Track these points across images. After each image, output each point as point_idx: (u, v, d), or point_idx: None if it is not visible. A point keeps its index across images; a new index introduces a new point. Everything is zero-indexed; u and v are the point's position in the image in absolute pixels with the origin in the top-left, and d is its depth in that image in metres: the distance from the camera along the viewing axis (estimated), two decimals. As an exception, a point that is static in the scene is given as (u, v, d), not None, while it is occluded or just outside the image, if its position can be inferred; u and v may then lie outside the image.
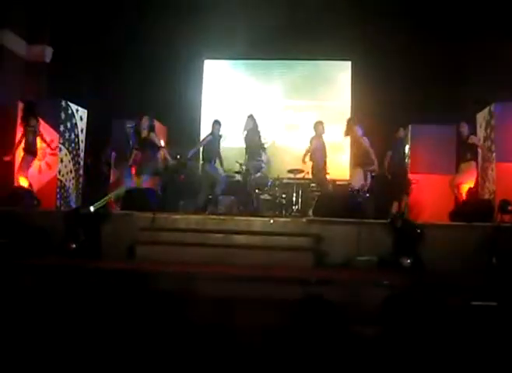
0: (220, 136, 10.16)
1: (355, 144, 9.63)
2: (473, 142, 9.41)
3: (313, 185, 10.33)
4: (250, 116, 10.24)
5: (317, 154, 9.83)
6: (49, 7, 11.71)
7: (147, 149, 9.69)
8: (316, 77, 12.92)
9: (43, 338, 4.14)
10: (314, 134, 10.02)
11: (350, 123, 9.68)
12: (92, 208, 8.17)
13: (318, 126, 10.01)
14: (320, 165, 9.82)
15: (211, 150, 10.03)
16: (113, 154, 10.53)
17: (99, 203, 8.11)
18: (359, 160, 9.55)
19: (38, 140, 9.85)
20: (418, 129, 10.73)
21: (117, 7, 12.23)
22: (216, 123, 10.15)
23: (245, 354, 4.15)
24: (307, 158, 9.92)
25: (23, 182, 9.63)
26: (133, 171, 9.87)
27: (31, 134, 9.69)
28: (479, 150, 9.66)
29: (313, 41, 12.09)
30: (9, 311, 4.67)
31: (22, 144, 9.80)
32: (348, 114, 12.31)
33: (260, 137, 10.20)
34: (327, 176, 10.06)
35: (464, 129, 9.46)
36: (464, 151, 9.46)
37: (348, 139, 9.84)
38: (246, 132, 10.14)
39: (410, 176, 10.32)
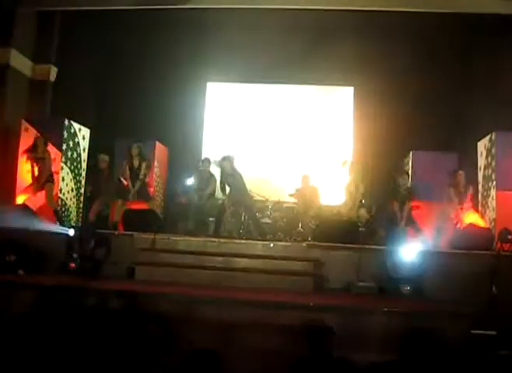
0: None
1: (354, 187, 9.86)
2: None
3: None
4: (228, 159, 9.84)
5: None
6: (55, 27, 11.83)
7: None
8: (317, 102, 13.00)
9: (39, 358, 4.12)
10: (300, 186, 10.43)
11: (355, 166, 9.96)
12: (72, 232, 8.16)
13: (304, 179, 10.43)
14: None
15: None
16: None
17: None
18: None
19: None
20: (419, 155, 10.75)
21: (122, 28, 12.34)
22: (206, 160, 10.34)
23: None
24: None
25: (20, 200, 9.66)
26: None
27: (43, 167, 9.73)
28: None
29: (315, 67, 12.17)
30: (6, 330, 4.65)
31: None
32: (350, 140, 12.40)
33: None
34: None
35: (462, 178, 9.43)
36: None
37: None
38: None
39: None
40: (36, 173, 9.67)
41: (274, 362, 4.56)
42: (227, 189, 9.82)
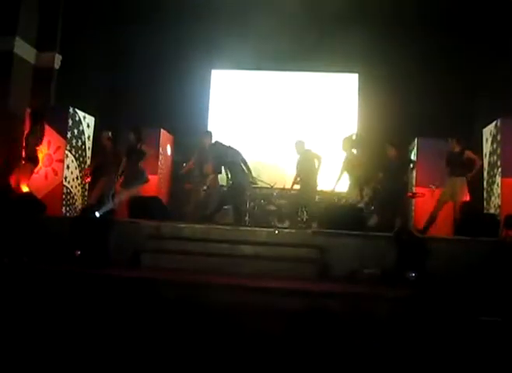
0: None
1: (354, 164, 9.76)
2: (469, 157, 9.10)
3: (318, 197, 10.40)
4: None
5: (306, 169, 9.94)
6: (59, 15, 11.82)
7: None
8: (323, 89, 12.97)
9: (48, 345, 4.15)
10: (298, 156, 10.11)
11: (349, 142, 9.87)
12: (97, 214, 8.20)
13: (298, 145, 10.12)
14: (308, 179, 9.89)
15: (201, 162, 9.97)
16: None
17: None
18: (361, 180, 9.67)
19: (39, 148, 9.91)
20: (425, 142, 10.72)
21: (127, 16, 12.32)
22: (206, 134, 10.19)
23: (248, 365, 4.16)
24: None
25: (25, 190, 9.65)
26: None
27: (32, 142, 9.73)
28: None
29: (320, 54, 12.15)
30: (15, 315, 4.68)
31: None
32: (355, 127, 12.36)
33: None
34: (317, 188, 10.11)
35: (455, 143, 9.21)
36: (457, 166, 9.12)
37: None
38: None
39: (416, 189, 10.36)
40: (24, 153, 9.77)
41: (278, 348, 4.58)
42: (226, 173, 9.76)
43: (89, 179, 10.72)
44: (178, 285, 6.00)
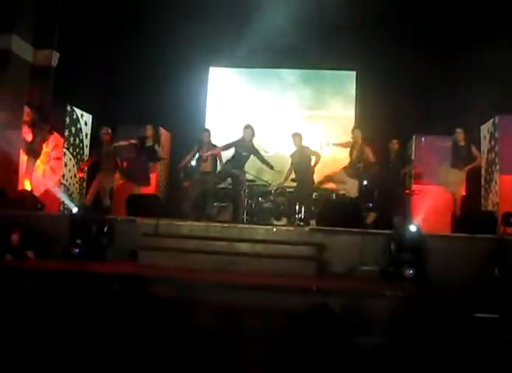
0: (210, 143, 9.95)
1: (358, 152, 9.72)
2: (473, 154, 9.27)
3: (315, 194, 10.39)
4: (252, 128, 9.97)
5: (301, 166, 9.88)
6: (56, 12, 11.78)
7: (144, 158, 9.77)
8: (321, 86, 12.95)
9: (44, 342, 4.14)
10: (295, 148, 10.03)
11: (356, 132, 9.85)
12: (75, 209, 8.14)
13: (295, 138, 10.02)
14: (305, 177, 9.83)
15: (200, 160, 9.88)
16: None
17: None
18: (358, 170, 9.65)
19: (44, 144, 9.88)
20: (422, 140, 10.72)
21: (124, 13, 12.28)
22: (204, 131, 10.14)
23: (245, 364, 4.16)
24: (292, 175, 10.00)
25: (27, 185, 9.64)
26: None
27: (39, 136, 9.69)
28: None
29: (318, 51, 12.12)
30: (11, 315, 4.67)
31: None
32: (352, 124, 12.34)
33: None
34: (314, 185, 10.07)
35: (462, 136, 9.33)
36: (460, 160, 9.27)
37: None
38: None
39: (413, 186, 10.34)
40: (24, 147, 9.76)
41: (276, 347, 4.58)
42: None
43: (82, 174, 10.73)
44: (176, 283, 5.99)
